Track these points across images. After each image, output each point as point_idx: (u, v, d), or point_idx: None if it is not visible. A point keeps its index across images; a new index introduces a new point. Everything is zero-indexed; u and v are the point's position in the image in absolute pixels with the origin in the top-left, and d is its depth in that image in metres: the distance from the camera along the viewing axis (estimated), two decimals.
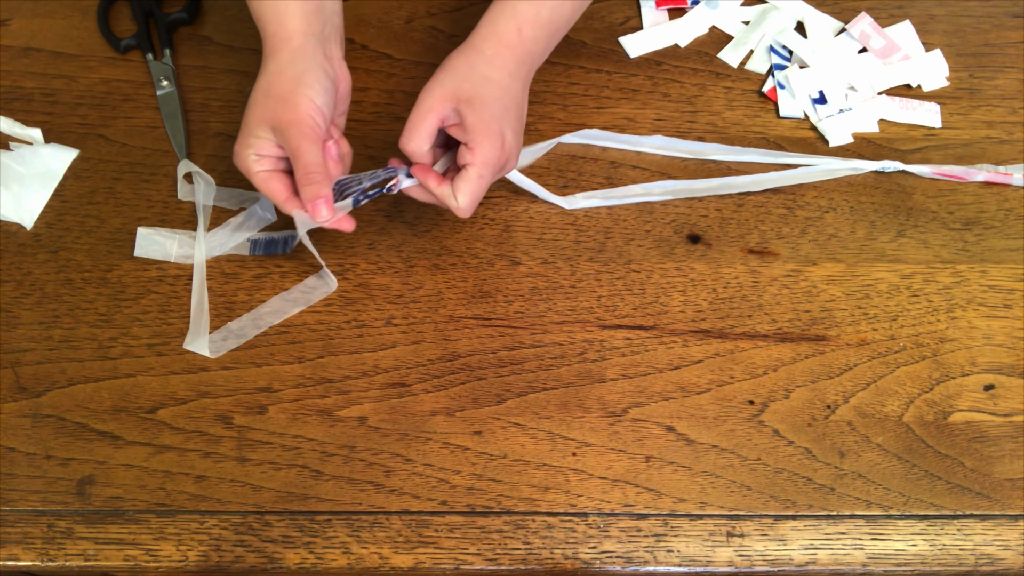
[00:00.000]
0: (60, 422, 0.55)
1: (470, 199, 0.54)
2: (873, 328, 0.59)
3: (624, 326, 0.59)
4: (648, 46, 0.69)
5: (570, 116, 0.66)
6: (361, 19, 0.69)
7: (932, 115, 0.66)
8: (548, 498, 0.54)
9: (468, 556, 0.53)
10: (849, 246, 0.62)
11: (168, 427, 0.55)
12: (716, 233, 0.62)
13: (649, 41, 0.69)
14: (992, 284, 0.61)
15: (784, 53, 0.68)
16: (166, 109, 0.65)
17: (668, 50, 0.69)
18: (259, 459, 0.55)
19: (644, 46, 0.69)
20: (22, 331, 0.58)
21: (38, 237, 0.61)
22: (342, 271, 0.60)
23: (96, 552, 0.52)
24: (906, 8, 0.71)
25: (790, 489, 0.55)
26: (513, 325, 0.59)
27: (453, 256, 0.61)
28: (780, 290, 0.60)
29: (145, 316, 0.58)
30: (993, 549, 0.54)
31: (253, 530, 0.53)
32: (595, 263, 0.61)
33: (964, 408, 0.57)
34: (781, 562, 0.53)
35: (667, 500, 0.54)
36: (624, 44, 0.68)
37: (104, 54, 0.67)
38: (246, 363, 0.57)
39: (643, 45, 0.69)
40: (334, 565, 0.53)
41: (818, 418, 0.57)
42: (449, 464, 0.55)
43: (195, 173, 0.60)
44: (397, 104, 0.66)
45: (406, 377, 0.57)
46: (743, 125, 0.66)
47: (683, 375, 0.58)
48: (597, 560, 0.53)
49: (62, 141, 0.64)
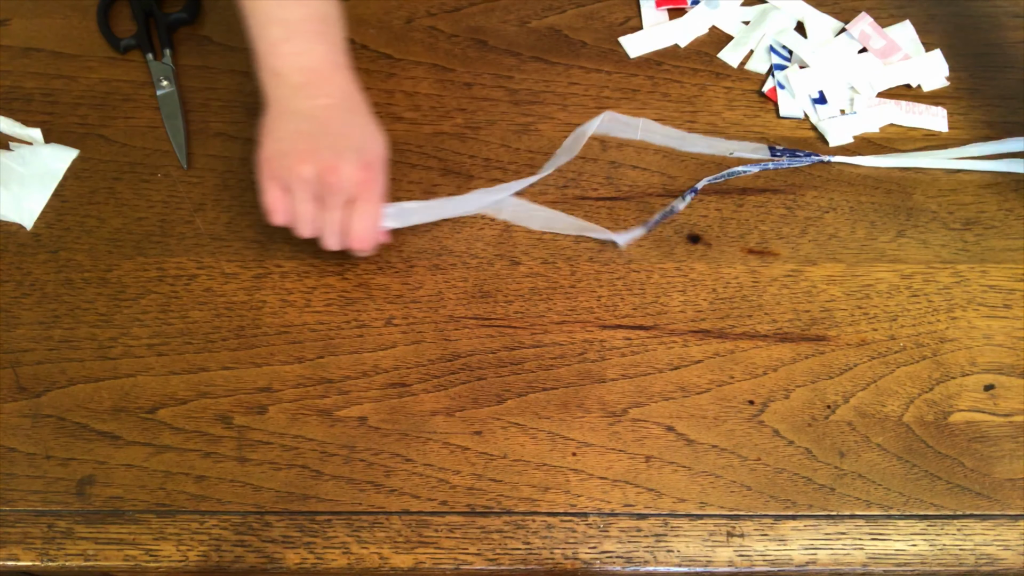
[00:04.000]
0: (60, 422, 0.55)
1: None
2: (873, 328, 0.59)
3: (624, 326, 0.59)
4: (648, 46, 0.69)
5: (570, 116, 0.66)
6: (361, 19, 0.69)
7: (939, 119, 0.66)
8: (548, 498, 0.54)
9: (468, 556, 0.53)
10: (849, 246, 0.62)
11: (168, 427, 0.55)
12: (716, 233, 0.62)
13: (649, 41, 0.69)
14: (992, 284, 0.61)
15: (784, 53, 0.68)
16: (166, 109, 0.65)
17: (668, 50, 0.69)
18: (259, 459, 0.55)
19: (644, 46, 0.69)
20: (22, 331, 0.58)
21: (38, 237, 0.61)
22: (342, 271, 0.60)
23: (96, 552, 0.52)
24: (906, 8, 0.71)
25: (790, 489, 0.55)
26: (513, 325, 0.59)
27: (453, 256, 0.61)
28: (780, 290, 0.60)
29: (145, 316, 0.58)
30: (993, 549, 0.54)
31: (253, 530, 0.53)
32: (595, 263, 0.61)
33: (964, 408, 0.57)
34: (781, 562, 0.53)
35: (667, 500, 0.54)
36: (624, 44, 0.68)
37: (104, 54, 0.67)
38: (246, 363, 0.57)
39: (643, 45, 0.69)
40: (334, 565, 0.53)
41: (818, 418, 0.57)
42: (449, 464, 0.55)
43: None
44: (397, 104, 0.66)
45: (406, 377, 0.57)
46: (743, 125, 0.66)
47: (683, 375, 0.58)
48: (597, 560, 0.53)
49: (62, 141, 0.64)
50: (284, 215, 0.54)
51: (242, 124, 0.65)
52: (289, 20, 0.53)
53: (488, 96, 0.66)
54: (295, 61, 0.53)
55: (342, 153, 0.53)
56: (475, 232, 0.62)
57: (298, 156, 0.53)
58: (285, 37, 0.53)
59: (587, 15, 0.70)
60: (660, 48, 0.69)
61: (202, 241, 0.61)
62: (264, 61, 0.54)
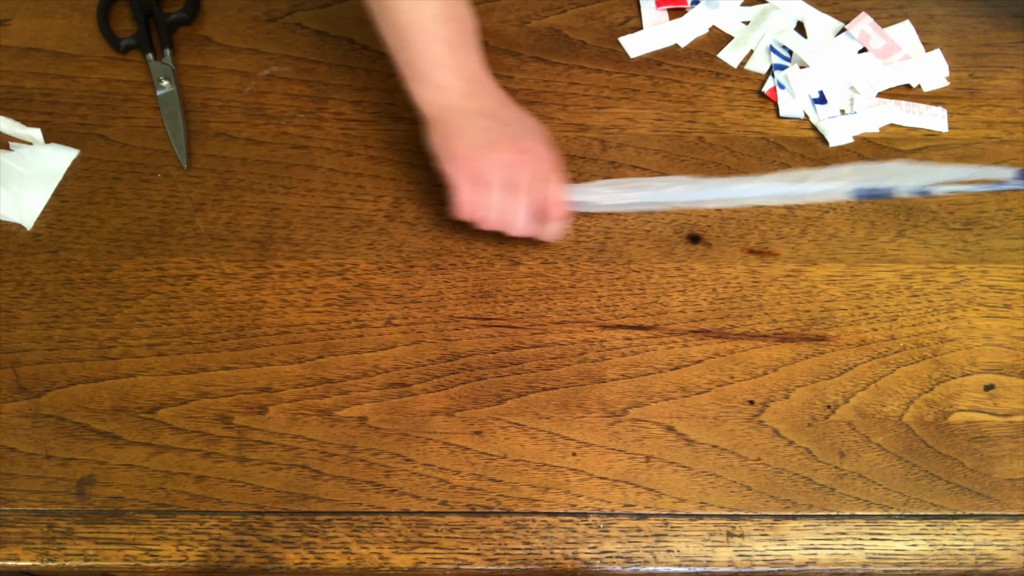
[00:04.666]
0: (60, 422, 0.55)
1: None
2: (873, 328, 0.59)
3: (624, 326, 0.59)
4: (648, 46, 0.69)
5: (570, 116, 0.66)
6: (361, 19, 0.69)
7: (939, 119, 0.66)
8: (548, 498, 0.54)
9: (468, 556, 0.53)
10: (849, 246, 0.62)
11: (168, 427, 0.55)
12: (716, 233, 0.62)
13: (649, 41, 0.69)
14: (992, 284, 0.61)
15: (784, 53, 0.68)
16: (166, 109, 0.65)
17: (668, 50, 0.69)
18: (259, 459, 0.55)
19: (644, 46, 0.69)
20: (22, 331, 0.58)
21: (38, 237, 0.61)
22: (342, 271, 0.60)
23: (96, 552, 0.52)
24: (906, 8, 0.71)
25: (790, 489, 0.55)
26: (513, 325, 0.59)
27: (453, 256, 0.61)
28: (780, 290, 0.60)
29: (145, 316, 0.58)
30: (993, 549, 0.54)
31: (253, 530, 0.53)
32: (595, 263, 0.61)
33: (964, 408, 0.57)
34: (781, 562, 0.53)
35: (667, 500, 0.54)
36: (624, 44, 0.68)
37: (104, 54, 0.67)
38: (246, 363, 0.57)
39: (643, 45, 0.69)
40: (334, 565, 0.53)
41: (818, 418, 0.57)
42: (449, 464, 0.55)
43: None
44: (397, 104, 0.66)
45: (406, 377, 0.57)
46: (743, 125, 0.66)
47: (683, 375, 0.58)
48: (597, 560, 0.53)
49: (62, 141, 0.64)
50: (475, 208, 0.57)
51: (242, 124, 0.65)
52: (449, 38, 0.55)
53: None
54: (460, 72, 0.56)
55: (527, 137, 0.57)
56: (475, 232, 0.62)
57: (491, 147, 0.56)
58: (450, 53, 0.56)
59: (587, 15, 0.70)
60: (660, 48, 0.69)
61: (202, 241, 0.61)
62: (427, 77, 0.56)
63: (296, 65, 0.67)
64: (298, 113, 0.66)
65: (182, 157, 0.63)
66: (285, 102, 0.66)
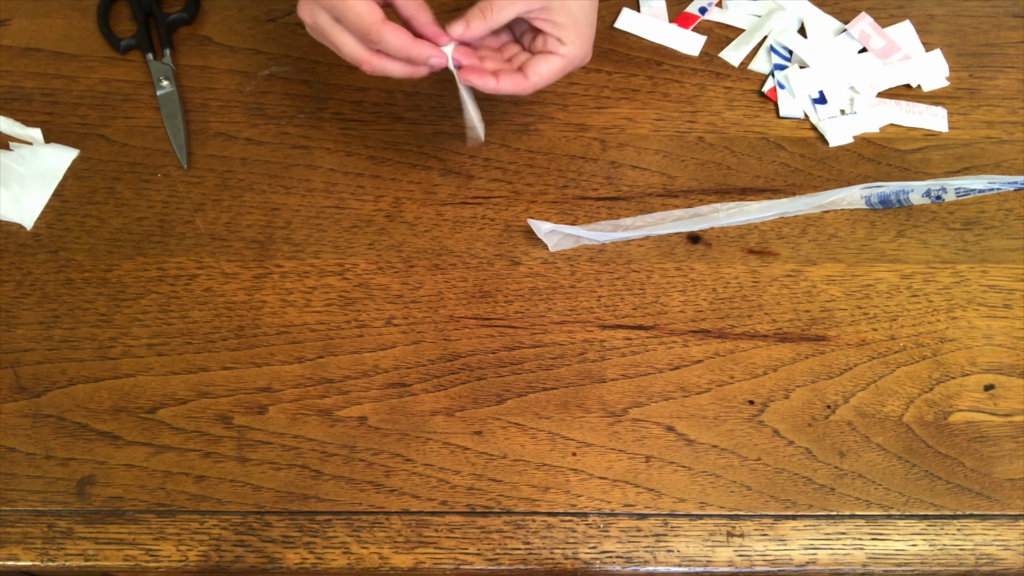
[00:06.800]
0: (60, 422, 0.55)
1: (544, 82, 0.56)
2: (873, 328, 0.59)
3: (624, 326, 0.59)
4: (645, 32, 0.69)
5: (570, 116, 0.66)
6: None
7: (939, 119, 0.66)
8: (548, 498, 0.54)
9: (468, 556, 0.53)
10: (849, 246, 0.62)
11: (168, 427, 0.55)
12: (716, 233, 0.62)
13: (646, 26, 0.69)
14: (992, 284, 0.61)
15: (784, 53, 0.68)
16: (166, 109, 0.65)
17: (668, 50, 0.69)
18: (259, 459, 0.55)
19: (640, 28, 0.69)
20: (22, 331, 0.58)
21: (38, 237, 0.61)
22: (342, 271, 0.60)
23: (96, 552, 0.52)
24: (906, 8, 0.71)
25: (790, 489, 0.55)
26: (513, 325, 0.59)
27: (453, 256, 0.61)
28: (780, 290, 0.60)
29: (145, 316, 0.58)
30: (993, 549, 0.54)
31: (253, 530, 0.53)
32: (595, 263, 0.61)
33: (964, 408, 0.57)
34: (781, 562, 0.53)
35: (667, 500, 0.54)
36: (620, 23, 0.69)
37: (104, 54, 0.67)
38: (246, 363, 0.57)
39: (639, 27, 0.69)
40: (334, 565, 0.53)
41: (818, 418, 0.57)
42: (449, 464, 0.55)
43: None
44: (397, 104, 0.66)
45: (406, 377, 0.57)
46: (743, 125, 0.66)
47: (683, 375, 0.58)
48: (597, 560, 0.53)
49: (62, 141, 0.64)
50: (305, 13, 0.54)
51: (242, 124, 0.65)
52: None
53: (488, 96, 0.66)
54: None
55: None
56: (475, 232, 0.62)
57: None
58: None
59: None
60: (658, 42, 0.69)
61: (202, 241, 0.61)
62: None
63: (296, 65, 0.67)
64: (298, 113, 0.66)
65: (182, 157, 0.63)
66: (285, 102, 0.66)
